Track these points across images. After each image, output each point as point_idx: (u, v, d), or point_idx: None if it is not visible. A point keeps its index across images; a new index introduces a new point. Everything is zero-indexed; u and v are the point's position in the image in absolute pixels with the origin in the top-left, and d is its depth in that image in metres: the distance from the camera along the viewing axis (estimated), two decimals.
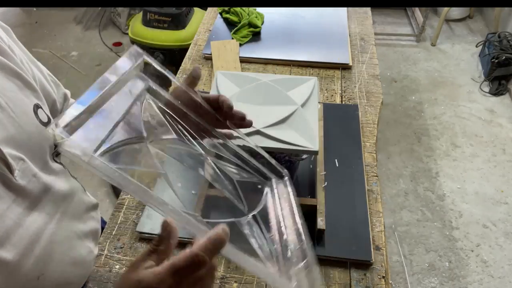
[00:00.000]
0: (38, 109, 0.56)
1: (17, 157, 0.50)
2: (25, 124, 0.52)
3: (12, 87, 0.53)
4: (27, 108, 0.54)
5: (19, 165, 0.50)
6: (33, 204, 0.54)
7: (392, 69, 2.73)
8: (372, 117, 1.03)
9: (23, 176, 0.51)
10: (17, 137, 0.50)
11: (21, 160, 0.51)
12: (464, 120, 2.33)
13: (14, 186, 0.50)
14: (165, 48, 2.21)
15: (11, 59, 0.54)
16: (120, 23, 3.07)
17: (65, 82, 2.76)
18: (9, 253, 0.49)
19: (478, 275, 1.64)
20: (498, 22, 2.82)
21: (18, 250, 0.51)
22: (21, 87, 0.54)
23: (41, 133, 0.55)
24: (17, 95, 0.53)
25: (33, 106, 0.55)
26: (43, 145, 0.56)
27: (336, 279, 0.72)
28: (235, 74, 0.86)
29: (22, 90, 0.54)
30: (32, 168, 0.53)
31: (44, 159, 0.57)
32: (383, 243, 0.76)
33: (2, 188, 0.49)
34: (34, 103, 0.56)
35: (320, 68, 1.20)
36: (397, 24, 3.20)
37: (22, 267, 0.52)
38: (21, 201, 0.52)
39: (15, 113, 0.51)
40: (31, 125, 0.53)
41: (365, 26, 1.40)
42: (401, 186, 2.00)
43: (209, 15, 1.47)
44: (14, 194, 0.50)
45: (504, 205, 1.89)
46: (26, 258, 0.52)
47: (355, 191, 0.84)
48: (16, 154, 0.50)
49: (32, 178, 0.53)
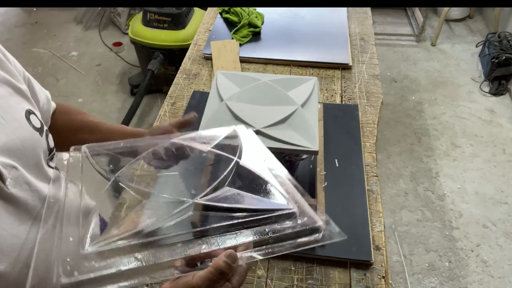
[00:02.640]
0: (30, 115, 0.55)
1: (9, 165, 0.49)
2: (17, 130, 0.51)
3: (2, 94, 0.52)
4: (19, 115, 0.53)
5: (11, 174, 0.49)
6: (26, 212, 0.52)
7: (392, 69, 2.73)
8: (372, 117, 1.03)
9: (15, 185, 0.50)
10: (8, 145, 0.49)
11: (13, 168, 0.50)
12: (464, 120, 2.33)
13: (5, 195, 0.49)
14: (165, 48, 2.21)
15: (3, 67, 0.54)
16: (120, 23, 3.07)
17: (65, 82, 2.77)
18: (2, 264, 0.48)
19: (478, 275, 1.64)
20: (498, 22, 2.82)
21: (11, 260, 0.49)
22: (12, 93, 0.54)
23: (34, 139, 0.54)
24: (7, 102, 0.52)
25: (25, 112, 0.54)
26: (37, 151, 0.55)
27: (336, 279, 0.72)
28: (235, 74, 0.86)
29: (13, 96, 0.54)
30: (25, 176, 0.52)
31: (38, 164, 0.56)
32: (383, 243, 0.76)
33: None
34: (26, 109, 0.55)
35: (320, 68, 1.20)
36: (397, 24, 3.20)
37: (14, 278, 0.50)
38: (13, 210, 0.50)
39: (6, 120, 0.50)
40: (24, 131, 0.53)
41: (365, 26, 1.40)
42: (401, 186, 1.99)
43: (209, 15, 1.47)
44: (6, 203, 0.49)
45: (504, 205, 1.89)
46: (19, 268, 0.51)
47: (355, 191, 0.84)
48: (8, 162, 0.49)
49: (24, 185, 0.52)
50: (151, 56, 2.22)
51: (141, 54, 2.35)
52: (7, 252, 0.49)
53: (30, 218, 0.53)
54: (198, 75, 1.18)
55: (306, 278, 0.72)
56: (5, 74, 0.54)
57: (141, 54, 2.36)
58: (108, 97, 2.54)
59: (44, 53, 2.91)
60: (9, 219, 0.49)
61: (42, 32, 3.15)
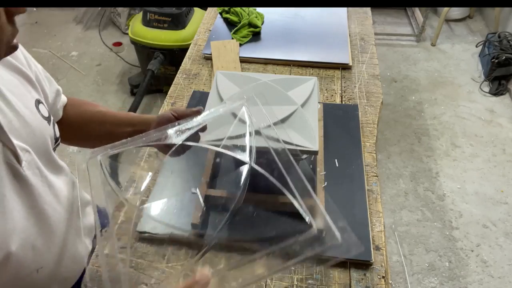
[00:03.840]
0: (39, 104, 0.57)
1: (24, 149, 0.51)
2: (28, 118, 0.53)
3: (16, 83, 0.54)
4: (30, 103, 0.55)
5: (25, 157, 0.51)
6: (35, 197, 0.54)
7: (392, 69, 2.73)
8: (372, 117, 1.03)
9: (29, 167, 0.52)
10: (22, 130, 0.52)
11: (27, 152, 0.52)
12: (464, 120, 2.33)
13: (20, 177, 0.51)
14: (165, 48, 2.21)
15: (15, 57, 0.56)
16: (120, 23, 3.07)
17: (65, 82, 2.78)
18: (13, 244, 0.50)
19: (478, 275, 1.64)
20: (498, 22, 2.82)
21: (21, 242, 0.51)
22: (23, 82, 0.56)
23: (43, 127, 0.56)
24: (20, 90, 0.54)
25: (34, 101, 0.56)
26: (46, 138, 0.57)
27: (336, 279, 0.72)
28: (235, 74, 0.86)
29: (25, 85, 0.56)
30: (37, 161, 0.54)
31: (47, 152, 0.58)
32: (383, 243, 0.76)
33: (11, 179, 0.49)
34: (36, 98, 0.57)
35: (320, 68, 1.20)
36: (397, 24, 3.20)
37: (23, 259, 0.53)
38: (25, 194, 0.52)
39: (19, 107, 0.52)
40: (34, 119, 0.55)
41: (365, 26, 1.40)
42: (401, 186, 2.00)
43: (209, 15, 1.47)
44: (20, 185, 0.51)
45: (504, 205, 1.89)
46: (28, 250, 0.53)
47: (355, 191, 0.84)
48: (22, 146, 0.51)
49: (35, 170, 0.54)
50: (151, 56, 2.22)
51: (141, 54, 2.35)
52: (18, 233, 0.51)
53: (37, 205, 0.55)
54: (198, 75, 1.18)
55: (306, 278, 0.72)
56: (17, 63, 0.56)
57: (141, 54, 2.36)
58: (108, 97, 2.54)
59: (44, 53, 2.91)
60: (21, 201, 0.51)
61: (42, 32, 3.15)
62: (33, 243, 0.54)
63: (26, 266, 0.54)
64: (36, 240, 0.54)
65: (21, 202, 0.51)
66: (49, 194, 0.57)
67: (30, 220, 0.53)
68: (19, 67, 0.56)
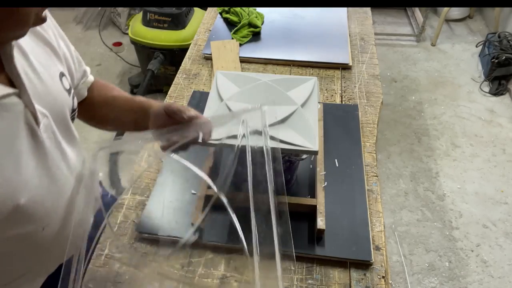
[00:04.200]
0: (63, 76, 0.61)
1: (43, 113, 0.54)
2: (51, 87, 0.57)
3: (44, 53, 0.59)
4: (54, 74, 0.59)
5: (44, 120, 0.54)
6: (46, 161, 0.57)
7: (392, 69, 2.73)
8: (372, 117, 1.03)
9: (46, 130, 0.55)
10: (43, 97, 0.55)
11: (45, 116, 0.55)
12: (464, 120, 2.33)
13: (37, 138, 0.53)
14: (165, 48, 2.21)
15: (45, 30, 0.59)
16: (120, 23, 3.07)
17: None
18: (24, 197, 0.52)
19: (478, 275, 1.64)
20: (498, 22, 2.82)
21: (30, 196, 0.54)
22: (50, 54, 0.60)
23: (64, 97, 0.60)
24: (47, 61, 0.58)
25: (59, 73, 0.60)
26: (64, 108, 0.60)
27: (336, 279, 0.72)
28: (235, 74, 0.86)
29: (51, 57, 0.60)
30: (53, 127, 0.57)
31: (64, 121, 0.61)
32: (383, 243, 0.76)
33: (29, 139, 0.52)
34: (60, 70, 0.61)
35: (320, 68, 1.20)
36: (397, 24, 3.20)
37: (31, 213, 0.55)
38: (39, 155, 0.55)
39: (44, 75, 0.56)
40: (56, 89, 0.58)
41: (365, 26, 1.40)
42: (401, 186, 1.99)
43: (209, 15, 1.47)
44: (36, 146, 0.54)
45: (504, 205, 1.89)
46: (36, 206, 0.55)
47: (355, 191, 0.84)
48: (42, 110, 0.54)
49: (51, 135, 0.57)
50: (151, 56, 2.22)
51: (141, 54, 2.35)
52: (29, 188, 0.53)
53: (49, 167, 0.58)
54: (198, 75, 1.18)
55: (306, 278, 0.72)
56: (47, 36, 0.60)
57: (141, 54, 2.36)
58: None
59: None
60: (35, 160, 0.54)
61: None
62: (41, 201, 0.56)
63: (32, 221, 0.56)
64: (44, 198, 0.57)
65: (35, 161, 0.54)
66: (61, 161, 0.60)
67: (41, 178, 0.56)
68: (48, 39, 0.60)
